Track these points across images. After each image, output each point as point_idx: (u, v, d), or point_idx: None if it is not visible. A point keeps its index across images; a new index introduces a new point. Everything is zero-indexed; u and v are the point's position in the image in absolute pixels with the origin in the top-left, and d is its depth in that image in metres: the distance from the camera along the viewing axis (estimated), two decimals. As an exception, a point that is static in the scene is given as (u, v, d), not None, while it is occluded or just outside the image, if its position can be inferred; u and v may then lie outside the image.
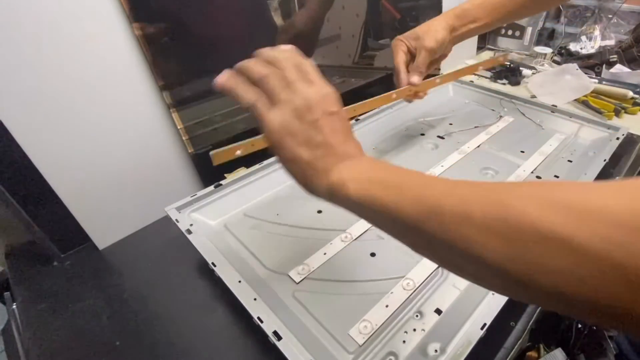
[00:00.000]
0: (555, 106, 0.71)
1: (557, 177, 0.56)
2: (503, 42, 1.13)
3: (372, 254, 0.45)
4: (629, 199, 0.16)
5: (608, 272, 0.16)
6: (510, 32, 1.10)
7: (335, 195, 0.28)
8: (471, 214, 0.21)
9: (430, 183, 0.25)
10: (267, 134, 0.30)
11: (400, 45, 0.56)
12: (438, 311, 0.38)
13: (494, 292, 0.38)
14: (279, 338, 0.34)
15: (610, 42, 0.99)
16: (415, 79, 0.56)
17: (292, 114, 0.29)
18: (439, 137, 0.68)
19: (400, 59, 0.56)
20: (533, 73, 0.94)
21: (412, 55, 0.57)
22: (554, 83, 0.84)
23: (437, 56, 0.58)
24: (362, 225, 0.49)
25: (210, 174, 0.59)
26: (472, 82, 0.82)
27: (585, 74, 0.86)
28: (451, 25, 0.57)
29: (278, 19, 0.63)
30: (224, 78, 0.32)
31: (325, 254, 0.45)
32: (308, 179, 0.30)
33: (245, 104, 0.30)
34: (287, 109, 0.29)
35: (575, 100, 0.81)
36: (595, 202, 0.17)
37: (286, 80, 0.29)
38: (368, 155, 0.31)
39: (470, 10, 0.57)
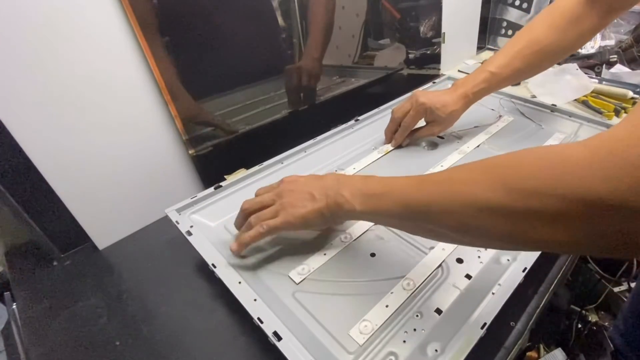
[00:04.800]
0: (555, 106, 0.71)
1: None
2: (503, 42, 1.12)
3: (372, 254, 0.45)
4: None
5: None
6: (510, 32, 1.10)
7: (352, 215, 0.40)
8: (430, 203, 0.32)
9: (403, 185, 0.35)
10: (288, 225, 0.41)
11: (411, 107, 0.62)
12: (438, 311, 0.38)
13: (494, 292, 0.38)
14: (279, 338, 0.34)
15: (610, 42, 0.99)
16: (404, 143, 0.65)
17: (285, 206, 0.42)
18: (438, 137, 0.68)
19: (412, 122, 0.63)
20: (533, 73, 0.93)
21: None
22: (554, 83, 0.84)
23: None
24: (362, 225, 0.49)
25: (210, 175, 0.60)
26: (472, 82, 0.82)
27: (585, 74, 0.85)
28: (471, 100, 0.61)
29: (279, 19, 0.63)
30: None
31: (325, 254, 0.45)
32: (330, 218, 0.41)
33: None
34: (281, 208, 0.42)
35: (575, 100, 0.81)
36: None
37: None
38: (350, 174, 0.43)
39: (491, 79, 0.60)
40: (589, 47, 0.99)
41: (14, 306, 0.48)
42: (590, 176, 0.21)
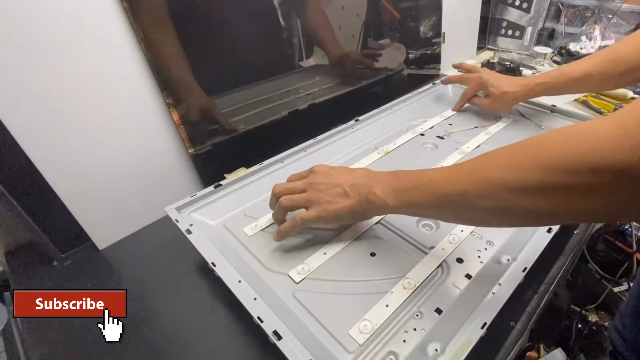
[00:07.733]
0: (555, 106, 0.71)
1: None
2: (503, 42, 1.13)
3: (372, 254, 0.45)
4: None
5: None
6: (510, 32, 1.10)
7: (384, 210, 0.41)
8: (466, 192, 0.33)
9: (434, 177, 0.36)
10: (320, 219, 0.42)
11: (474, 84, 0.71)
12: (438, 311, 0.38)
13: (494, 292, 0.38)
14: (279, 338, 0.34)
15: (610, 42, 0.99)
16: (461, 107, 0.75)
17: (317, 199, 0.43)
18: (438, 137, 0.68)
19: (470, 93, 0.73)
20: (533, 73, 0.94)
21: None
22: (554, 83, 0.84)
23: None
24: (362, 225, 0.49)
25: (210, 174, 0.60)
26: (472, 82, 0.82)
27: (585, 74, 0.85)
28: (532, 90, 0.64)
29: (280, 19, 0.63)
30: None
31: (325, 253, 0.45)
32: (361, 214, 0.42)
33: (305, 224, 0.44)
34: (315, 201, 0.43)
35: (575, 100, 0.81)
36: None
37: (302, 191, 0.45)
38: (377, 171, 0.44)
39: (560, 83, 0.61)
40: (589, 47, 0.99)
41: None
42: (619, 147, 0.23)
